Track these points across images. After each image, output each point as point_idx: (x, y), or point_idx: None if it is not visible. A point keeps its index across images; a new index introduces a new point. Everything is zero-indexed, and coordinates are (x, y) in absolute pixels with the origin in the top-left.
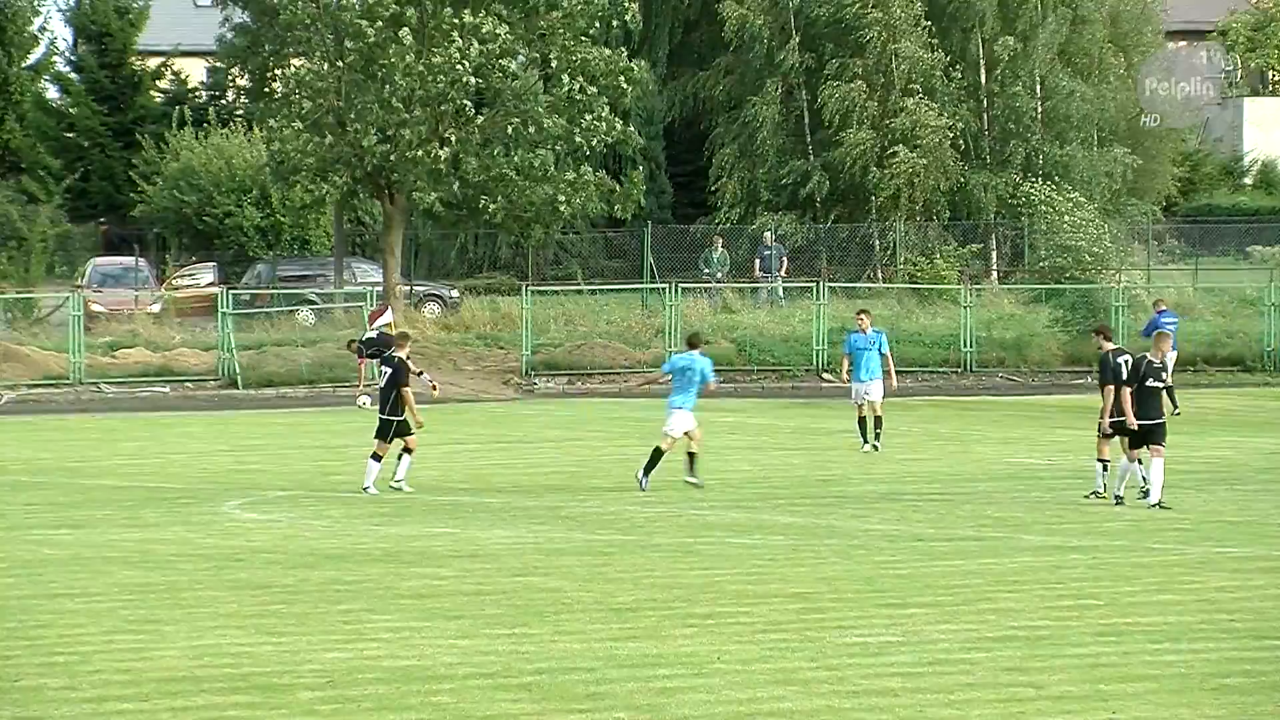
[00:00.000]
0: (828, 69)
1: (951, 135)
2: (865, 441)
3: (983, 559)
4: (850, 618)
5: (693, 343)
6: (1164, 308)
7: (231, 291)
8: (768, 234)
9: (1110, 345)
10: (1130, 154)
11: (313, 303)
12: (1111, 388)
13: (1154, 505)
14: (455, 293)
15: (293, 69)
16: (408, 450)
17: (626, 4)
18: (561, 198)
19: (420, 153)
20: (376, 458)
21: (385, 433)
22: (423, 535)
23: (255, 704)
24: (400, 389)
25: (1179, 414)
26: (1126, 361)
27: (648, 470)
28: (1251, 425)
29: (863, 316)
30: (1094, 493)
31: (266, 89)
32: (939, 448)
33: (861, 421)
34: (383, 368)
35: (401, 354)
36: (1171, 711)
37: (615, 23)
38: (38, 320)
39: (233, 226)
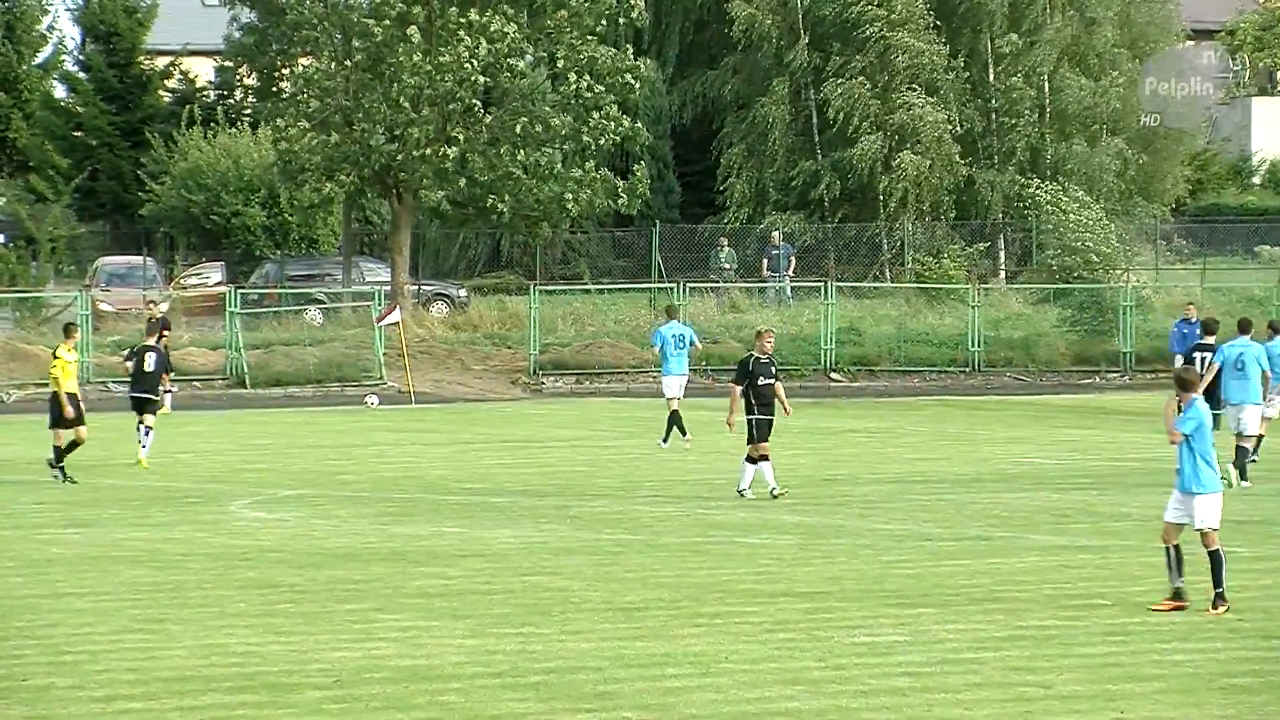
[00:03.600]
0: (831, 66)
1: (952, 129)
2: (668, 440)
3: (990, 558)
4: (858, 617)
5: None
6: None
7: (239, 291)
8: (775, 233)
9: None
10: (1133, 149)
11: (320, 302)
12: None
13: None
14: (463, 292)
15: (300, 68)
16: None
17: (632, 2)
18: (568, 195)
19: (428, 152)
20: (764, 458)
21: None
22: (430, 535)
23: (263, 703)
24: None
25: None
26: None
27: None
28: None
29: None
30: None
31: (274, 88)
32: (947, 447)
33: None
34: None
35: (758, 353)
36: (1179, 711)
37: (622, 20)
38: (46, 320)
39: (240, 226)
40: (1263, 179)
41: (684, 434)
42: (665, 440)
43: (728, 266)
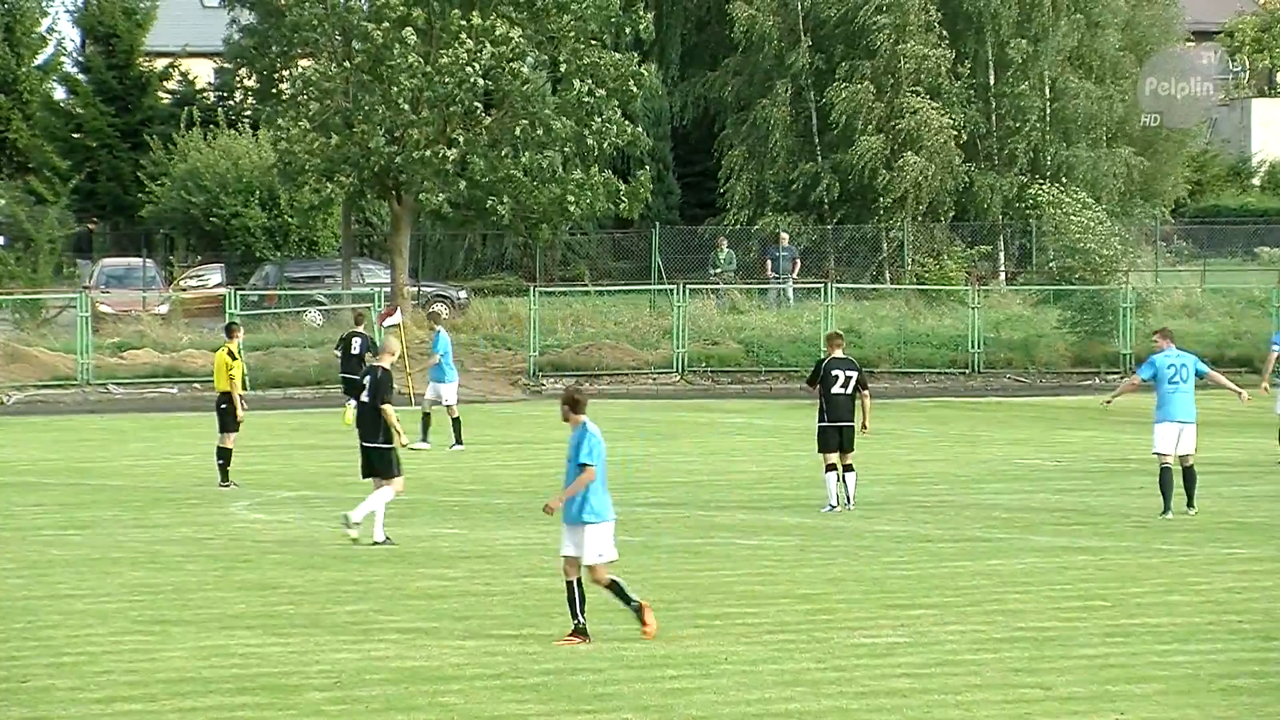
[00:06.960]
0: (837, 71)
1: (956, 134)
2: (458, 443)
3: (990, 560)
4: (858, 619)
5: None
6: None
7: (239, 292)
8: (784, 235)
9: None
10: (1138, 155)
11: (320, 304)
12: None
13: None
14: (463, 294)
15: (300, 70)
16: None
17: (640, 14)
18: (570, 198)
19: (427, 153)
20: (835, 468)
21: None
22: (430, 536)
23: (263, 705)
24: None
25: None
26: None
27: None
28: (1259, 426)
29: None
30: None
31: (274, 90)
32: (947, 448)
33: (426, 419)
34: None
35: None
36: (1179, 712)
37: (628, 30)
38: (45, 321)
39: (240, 227)
40: (1262, 180)
41: (424, 438)
42: (459, 442)
43: (727, 268)
